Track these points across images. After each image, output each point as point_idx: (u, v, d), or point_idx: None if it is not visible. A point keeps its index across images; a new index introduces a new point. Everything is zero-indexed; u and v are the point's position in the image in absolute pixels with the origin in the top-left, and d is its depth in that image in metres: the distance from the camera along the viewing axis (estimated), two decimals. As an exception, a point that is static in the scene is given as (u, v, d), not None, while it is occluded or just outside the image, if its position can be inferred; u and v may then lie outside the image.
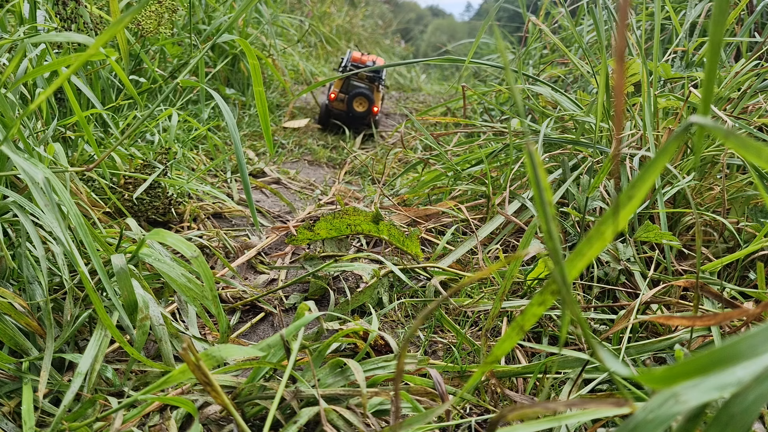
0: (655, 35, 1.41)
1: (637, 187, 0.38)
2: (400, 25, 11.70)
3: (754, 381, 0.32)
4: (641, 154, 1.27)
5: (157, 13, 1.49)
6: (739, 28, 1.90)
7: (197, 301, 0.88)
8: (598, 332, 0.98)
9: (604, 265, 1.11)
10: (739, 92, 1.40)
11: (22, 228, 0.82)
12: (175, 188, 1.41)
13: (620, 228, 0.39)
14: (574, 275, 0.41)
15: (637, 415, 0.35)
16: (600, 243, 0.40)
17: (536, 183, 0.39)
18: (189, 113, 2.17)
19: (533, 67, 2.98)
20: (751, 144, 0.35)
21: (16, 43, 1.02)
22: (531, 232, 0.88)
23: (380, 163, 2.25)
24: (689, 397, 0.33)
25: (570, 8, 2.75)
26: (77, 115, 1.07)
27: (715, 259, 1.07)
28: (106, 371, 0.78)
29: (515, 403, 0.78)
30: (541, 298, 0.45)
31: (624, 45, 0.35)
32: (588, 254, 0.40)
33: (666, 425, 0.34)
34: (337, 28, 6.01)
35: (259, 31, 3.04)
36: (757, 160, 0.35)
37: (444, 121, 2.11)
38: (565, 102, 1.62)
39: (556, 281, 0.40)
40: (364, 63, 2.73)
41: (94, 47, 0.57)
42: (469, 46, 4.33)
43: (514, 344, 0.51)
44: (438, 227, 1.47)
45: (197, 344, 0.91)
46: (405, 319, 1.08)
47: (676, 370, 0.34)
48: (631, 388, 0.72)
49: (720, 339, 0.87)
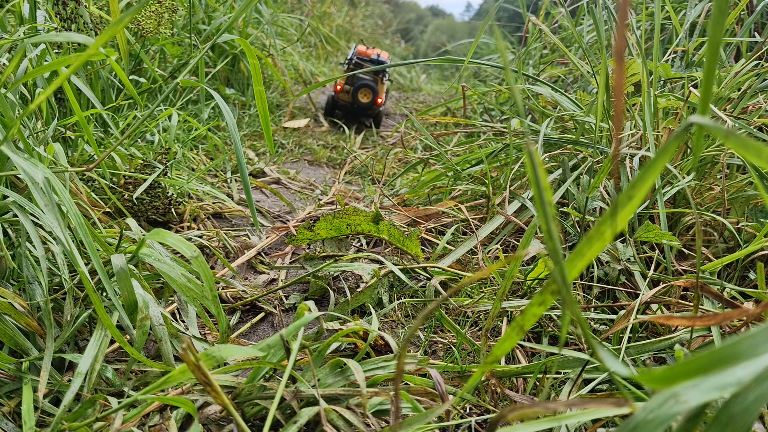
0: (655, 35, 1.41)
1: (637, 187, 0.38)
2: (400, 25, 11.70)
3: (754, 381, 0.32)
4: (641, 154, 1.27)
5: (157, 13, 1.49)
6: (739, 28, 1.90)
7: (197, 301, 0.88)
8: (598, 332, 0.98)
9: (604, 265, 1.11)
10: (739, 92, 1.40)
11: (22, 228, 0.82)
12: (175, 188, 1.41)
13: (619, 229, 0.39)
14: (574, 275, 0.41)
15: (637, 415, 0.35)
16: (600, 243, 0.40)
17: (536, 183, 0.39)
18: (189, 113, 2.17)
19: (533, 67, 2.99)
20: (751, 144, 0.35)
21: (16, 43, 1.02)
22: (531, 232, 0.88)
23: (380, 163, 2.25)
24: (689, 397, 0.33)
25: (570, 8, 2.75)
26: (77, 115, 1.07)
27: (715, 259, 1.07)
28: (106, 371, 0.78)
29: (515, 403, 0.78)
30: (541, 298, 0.45)
31: (623, 45, 0.35)
32: (588, 254, 0.40)
33: (666, 425, 0.34)
34: (337, 28, 6.01)
35: (259, 31, 3.05)
36: (757, 160, 0.35)
37: (444, 121, 2.11)
38: (565, 102, 1.62)
39: (556, 281, 0.40)
40: (369, 56, 2.84)
41: (93, 47, 0.57)
42: (468, 46, 4.33)
43: (514, 344, 0.51)
44: (438, 227, 1.47)
45: (197, 344, 0.91)
46: (405, 319, 1.08)
47: (676, 370, 0.34)
48: (631, 388, 0.72)
49: (720, 339, 0.87)
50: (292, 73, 3.45)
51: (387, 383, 0.80)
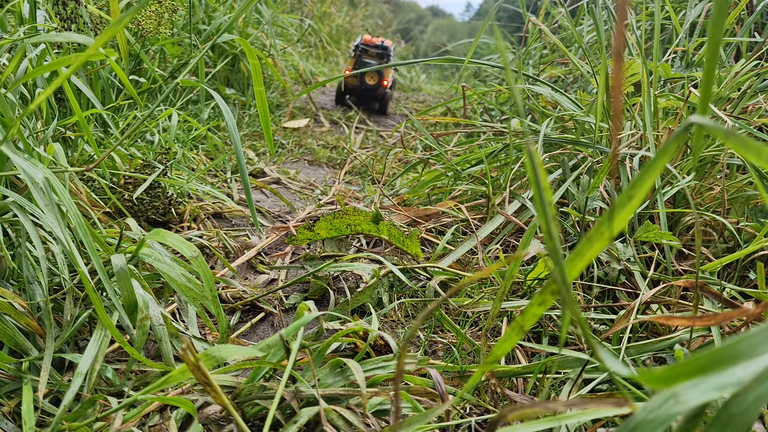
0: (655, 35, 1.41)
1: (637, 188, 0.38)
2: (400, 25, 11.69)
3: (754, 381, 0.32)
4: (641, 154, 1.27)
5: (157, 13, 1.49)
6: (739, 28, 1.90)
7: (197, 301, 0.88)
8: (598, 332, 0.98)
9: (604, 265, 1.11)
10: (739, 92, 1.40)
11: (22, 228, 0.82)
12: (175, 188, 1.41)
13: (617, 231, 0.39)
14: (574, 275, 0.41)
15: (637, 415, 0.35)
16: (600, 243, 0.40)
17: (536, 183, 0.39)
18: (189, 113, 2.17)
19: (533, 67, 2.98)
20: (751, 144, 0.35)
21: (15, 44, 1.02)
22: (531, 232, 0.88)
23: (380, 163, 2.25)
24: (689, 397, 0.33)
25: (570, 8, 2.75)
26: (77, 115, 1.07)
27: (715, 259, 1.07)
28: (106, 371, 0.78)
29: (515, 403, 0.78)
30: (541, 298, 0.45)
31: (622, 45, 0.35)
32: (588, 254, 0.40)
33: (666, 425, 0.34)
34: (337, 28, 6.01)
35: (259, 31, 3.05)
36: (757, 160, 0.35)
37: (444, 121, 2.11)
38: (565, 102, 1.62)
39: (556, 281, 0.40)
40: (374, 43, 3.16)
41: (93, 47, 0.57)
42: (468, 46, 4.33)
43: (514, 344, 0.51)
44: (438, 227, 1.47)
45: (197, 344, 0.91)
46: (405, 319, 1.08)
47: (676, 370, 0.34)
48: (631, 388, 0.72)
49: (720, 339, 0.87)
50: (292, 73, 3.45)
51: (387, 383, 0.80)
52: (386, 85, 3.10)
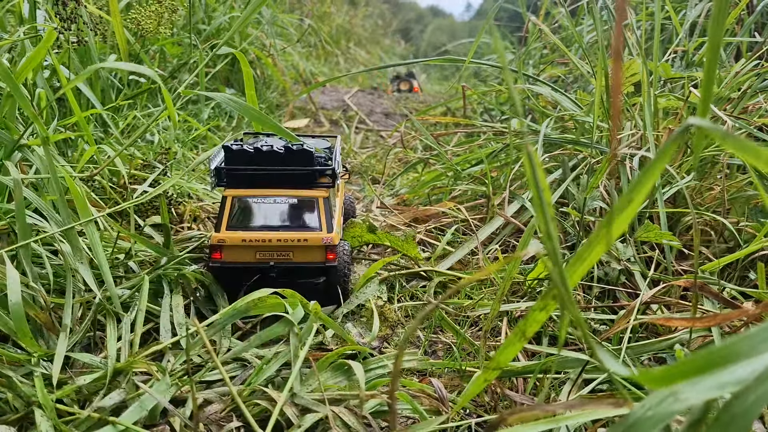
0: (655, 35, 1.41)
1: (636, 191, 0.38)
2: (400, 25, 11.70)
3: (754, 381, 0.32)
4: (641, 154, 1.27)
5: (157, 13, 1.49)
6: (739, 28, 1.90)
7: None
8: (598, 332, 0.98)
9: (604, 265, 1.11)
10: (739, 92, 1.40)
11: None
12: (175, 188, 1.41)
13: (615, 237, 0.39)
14: (575, 281, 0.41)
15: (635, 412, 0.35)
16: (600, 247, 0.40)
17: (535, 184, 0.39)
18: (189, 113, 2.17)
19: (533, 67, 2.98)
20: (749, 146, 0.35)
21: (15, 44, 1.02)
22: (530, 233, 0.88)
23: (380, 163, 2.25)
24: (688, 395, 0.33)
25: (570, 8, 2.75)
26: (77, 115, 1.07)
27: (715, 259, 1.07)
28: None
29: (515, 404, 0.78)
30: (543, 303, 0.45)
31: (620, 44, 0.35)
32: (588, 258, 0.40)
33: (664, 423, 0.34)
34: (337, 28, 6.01)
35: (259, 31, 3.05)
36: (755, 162, 0.35)
37: (444, 121, 2.11)
38: (565, 102, 1.62)
39: (555, 282, 0.40)
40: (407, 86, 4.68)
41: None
42: (469, 45, 4.33)
43: (517, 351, 0.51)
44: (438, 227, 1.47)
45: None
46: (405, 320, 1.08)
47: (675, 370, 0.34)
48: (631, 389, 0.72)
49: (720, 339, 0.87)
50: (292, 73, 3.45)
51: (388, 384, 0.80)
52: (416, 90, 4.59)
